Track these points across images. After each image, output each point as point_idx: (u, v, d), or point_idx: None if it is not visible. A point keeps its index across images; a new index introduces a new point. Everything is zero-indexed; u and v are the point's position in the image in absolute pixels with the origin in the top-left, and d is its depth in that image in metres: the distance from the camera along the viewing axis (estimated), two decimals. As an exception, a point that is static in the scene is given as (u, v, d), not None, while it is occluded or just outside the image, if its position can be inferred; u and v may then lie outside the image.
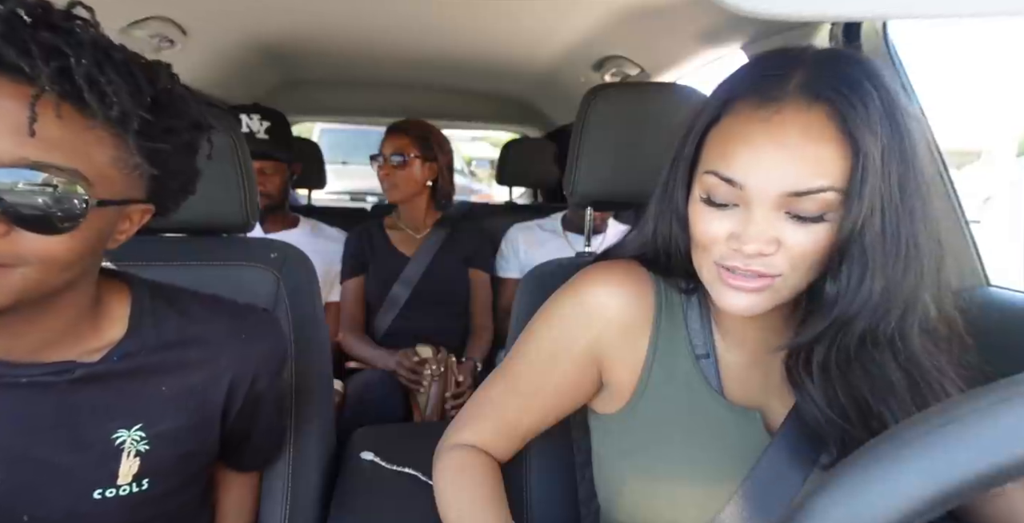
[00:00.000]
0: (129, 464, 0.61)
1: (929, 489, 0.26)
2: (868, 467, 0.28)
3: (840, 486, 0.28)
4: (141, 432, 0.61)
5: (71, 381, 0.58)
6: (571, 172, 0.96)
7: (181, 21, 1.34)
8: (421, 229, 1.76)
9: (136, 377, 0.61)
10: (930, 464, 0.27)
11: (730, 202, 0.54)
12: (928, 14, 0.35)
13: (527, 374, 0.69)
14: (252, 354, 0.68)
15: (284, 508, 0.88)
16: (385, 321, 1.67)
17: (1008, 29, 2.98)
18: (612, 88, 0.99)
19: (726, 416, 0.62)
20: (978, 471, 0.26)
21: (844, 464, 0.29)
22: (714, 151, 0.56)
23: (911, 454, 0.27)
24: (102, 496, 0.60)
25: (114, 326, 0.61)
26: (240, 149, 0.90)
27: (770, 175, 0.51)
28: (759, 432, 0.61)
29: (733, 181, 0.53)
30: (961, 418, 0.27)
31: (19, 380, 0.56)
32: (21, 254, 0.47)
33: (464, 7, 1.33)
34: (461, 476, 0.68)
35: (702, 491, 0.61)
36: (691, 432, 0.62)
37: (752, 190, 0.52)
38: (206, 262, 0.92)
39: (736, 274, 0.54)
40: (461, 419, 0.74)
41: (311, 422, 0.92)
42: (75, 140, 0.48)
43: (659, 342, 0.64)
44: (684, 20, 1.22)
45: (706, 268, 0.58)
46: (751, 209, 0.52)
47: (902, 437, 0.28)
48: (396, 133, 1.69)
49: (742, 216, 0.53)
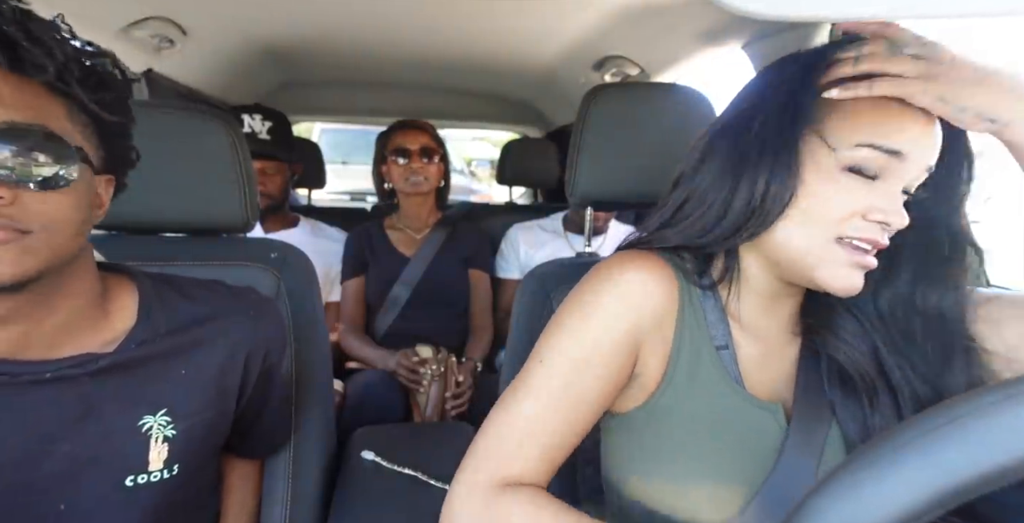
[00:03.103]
0: (158, 450, 0.63)
1: (929, 489, 0.26)
2: (868, 467, 0.28)
3: (840, 486, 0.28)
4: (166, 417, 0.63)
5: (93, 373, 0.59)
6: (571, 172, 0.96)
7: (181, 21, 1.34)
8: (422, 229, 1.76)
9: (155, 362, 0.63)
10: (930, 464, 0.27)
11: (877, 175, 0.55)
12: (928, 14, 0.34)
13: (568, 377, 0.59)
14: (261, 329, 0.70)
15: (284, 508, 0.88)
16: (385, 322, 1.67)
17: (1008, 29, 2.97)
18: (612, 88, 0.99)
19: (746, 408, 0.61)
20: (977, 471, 0.26)
21: (844, 464, 0.29)
22: (862, 124, 0.55)
23: (911, 454, 0.27)
24: (134, 483, 0.62)
25: (125, 316, 0.63)
26: (240, 149, 0.90)
27: (926, 149, 0.54)
28: (778, 425, 0.61)
29: (900, 152, 0.54)
30: (961, 418, 0.27)
31: (43, 376, 0.57)
32: (32, 218, 0.50)
33: (464, 7, 1.33)
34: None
35: (724, 484, 0.60)
36: (714, 423, 0.61)
37: (913, 163, 0.54)
38: (206, 262, 0.93)
39: (863, 250, 0.55)
40: (493, 451, 0.59)
41: (311, 422, 0.92)
42: (36, 101, 0.51)
43: (684, 332, 0.63)
44: (684, 20, 1.22)
45: (819, 248, 0.56)
46: (895, 180, 0.55)
47: (902, 437, 0.28)
48: (415, 129, 1.70)
49: (883, 189, 0.55)
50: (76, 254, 0.55)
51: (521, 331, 0.93)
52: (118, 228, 0.94)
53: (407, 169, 1.66)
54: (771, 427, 0.61)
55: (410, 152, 1.67)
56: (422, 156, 1.67)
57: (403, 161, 1.67)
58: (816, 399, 0.62)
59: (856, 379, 0.61)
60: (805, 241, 0.57)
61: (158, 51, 1.39)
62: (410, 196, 1.71)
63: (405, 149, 1.67)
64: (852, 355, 0.61)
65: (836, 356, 0.62)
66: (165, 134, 0.87)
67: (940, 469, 0.27)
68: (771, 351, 0.65)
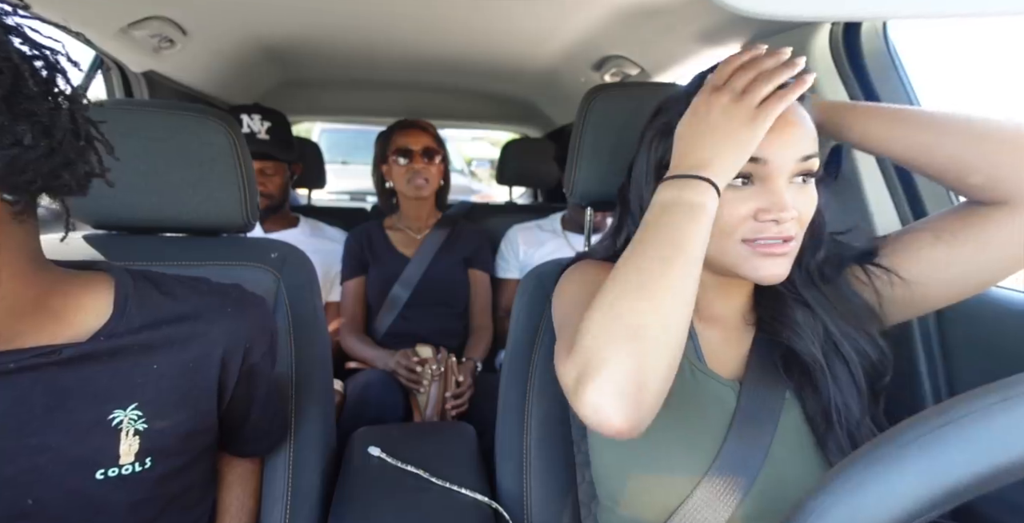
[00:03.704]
0: (128, 443, 0.62)
1: (928, 490, 0.26)
2: (868, 468, 0.28)
3: (840, 486, 0.28)
4: (137, 411, 0.63)
5: (59, 363, 0.59)
6: (571, 172, 0.96)
7: (181, 21, 1.33)
8: (422, 229, 1.76)
9: (126, 356, 0.63)
10: (929, 465, 0.27)
11: (751, 181, 0.61)
12: (928, 14, 0.35)
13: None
14: (241, 327, 0.70)
15: (284, 508, 0.88)
16: (385, 322, 1.67)
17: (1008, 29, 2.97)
18: (612, 88, 1.00)
19: (707, 382, 0.68)
20: (977, 472, 0.26)
21: (844, 464, 0.29)
22: None
23: (910, 455, 0.27)
24: (105, 476, 0.62)
25: (99, 312, 0.63)
26: (240, 149, 0.90)
27: (789, 146, 0.60)
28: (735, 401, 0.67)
29: (758, 158, 0.59)
30: (960, 419, 0.27)
31: (7, 366, 0.57)
32: None
33: (464, 7, 1.33)
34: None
35: (691, 451, 0.66)
36: (681, 396, 0.66)
37: (775, 162, 0.60)
38: (206, 262, 0.93)
39: (769, 244, 0.61)
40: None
41: (311, 422, 0.92)
42: None
43: None
44: (684, 20, 1.22)
45: (732, 250, 0.63)
46: (772, 181, 0.60)
47: (901, 438, 0.28)
48: (417, 129, 1.71)
49: (761, 191, 0.61)
50: None
51: (521, 331, 0.93)
52: (118, 228, 0.94)
53: (409, 169, 1.67)
54: (731, 401, 0.67)
55: (412, 152, 1.67)
56: (424, 156, 1.67)
57: (404, 161, 1.67)
58: (768, 378, 0.68)
59: (809, 361, 0.66)
60: (717, 247, 0.62)
61: (158, 51, 1.39)
62: (410, 198, 1.71)
63: (407, 149, 1.67)
64: (803, 343, 0.67)
65: (790, 345, 0.68)
66: (165, 134, 0.87)
67: (939, 470, 0.27)
68: (730, 336, 0.72)
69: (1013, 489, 0.26)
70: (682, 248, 0.54)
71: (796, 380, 0.67)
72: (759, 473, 0.63)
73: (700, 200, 0.56)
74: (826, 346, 0.67)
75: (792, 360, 0.68)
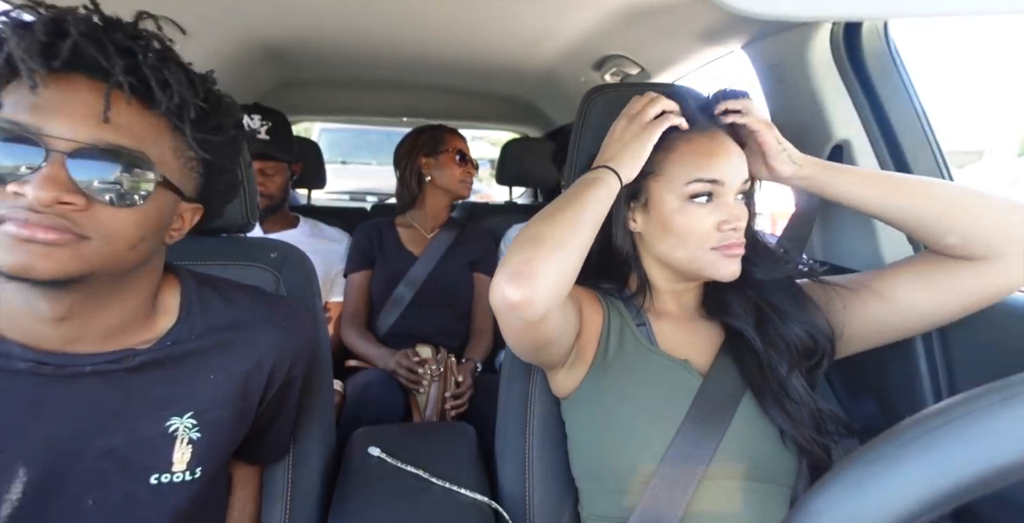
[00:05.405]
0: (182, 451, 0.64)
1: (928, 490, 0.26)
2: (867, 468, 0.28)
3: (840, 486, 0.28)
4: (192, 420, 0.64)
5: (128, 369, 0.61)
6: (571, 172, 0.96)
7: (181, 21, 1.33)
8: (433, 228, 1.78)
9: (186, 362, 0.64)
10: (929, 465, 0.27)
11: (711, 198, 0.79)
12: (928, 14, 0.35)
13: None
14: (291, 341, 0.72)
15: (284, 508, 0.88)
16: (387, 321, 1.67)
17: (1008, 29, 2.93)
18: (612, 88, 1.00)
19: (662, 361, 0.82)
20: (977, 472, 0.26)
21: (844, 465, 0.29)
22: (687, 165, 0.79)
23: (910, 455, 0.27)
24: (158, 482, 0.63)
25: (167, 315, 0.65)
26: (240, 149, 0.90)
27: (735, 170, 0.79)
28: (691, 376, 0.81)
29: (717, 180, 0.78)
30: (960, 419, 0.27)
31: (83, 369, 0.59)
32: (96, 227, 0.53)
33: (464, 7, 1.33)
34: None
35: (656, 422, 0.78)
36: (643, 374, 0.81)
37: (729, 183, 0.78)
38: (206, 262, 0.93)
39: (731, 245, 0.78)
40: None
41: (311, 422, 0.92)
42: (142, 128, 0.55)
43: (611, 321, 0.85)
44: (684, 20, 1.22)
45: (704, 257, 0.80)
46: (725, 198, 0.79)
47: (901, 438, 0.28)
48: (456, 134, 1.81)
49: (719, 206, 0.79)
50: (134, 264, 0.58)
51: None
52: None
53: (465, 171, 1.77)
54: (684, 377, 0.81)
55: (467, 157, 1.79)
56: (470, 163, 1.81)
57: (462, 162, 1.77)
58: (723, 363, 0.82)
59: (751, 340, 0.81)
60: (686, 255, 0.81)
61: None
62: (448, 195, 1.79)
63: (463, 153, 1.78)
64: (738, 321, 0.83)
65: (727, 323, 0.85)
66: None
67: (940, 469, 0.27)
68: (681, 327, 0.87)
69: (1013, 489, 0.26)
70: (579, 199, 0.73)
71: (735, 350, 0.83)
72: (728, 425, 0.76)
73: (603, 178, 0.75)
74: (760, 319, 0.83)
75: (734, 337, 0.84)
